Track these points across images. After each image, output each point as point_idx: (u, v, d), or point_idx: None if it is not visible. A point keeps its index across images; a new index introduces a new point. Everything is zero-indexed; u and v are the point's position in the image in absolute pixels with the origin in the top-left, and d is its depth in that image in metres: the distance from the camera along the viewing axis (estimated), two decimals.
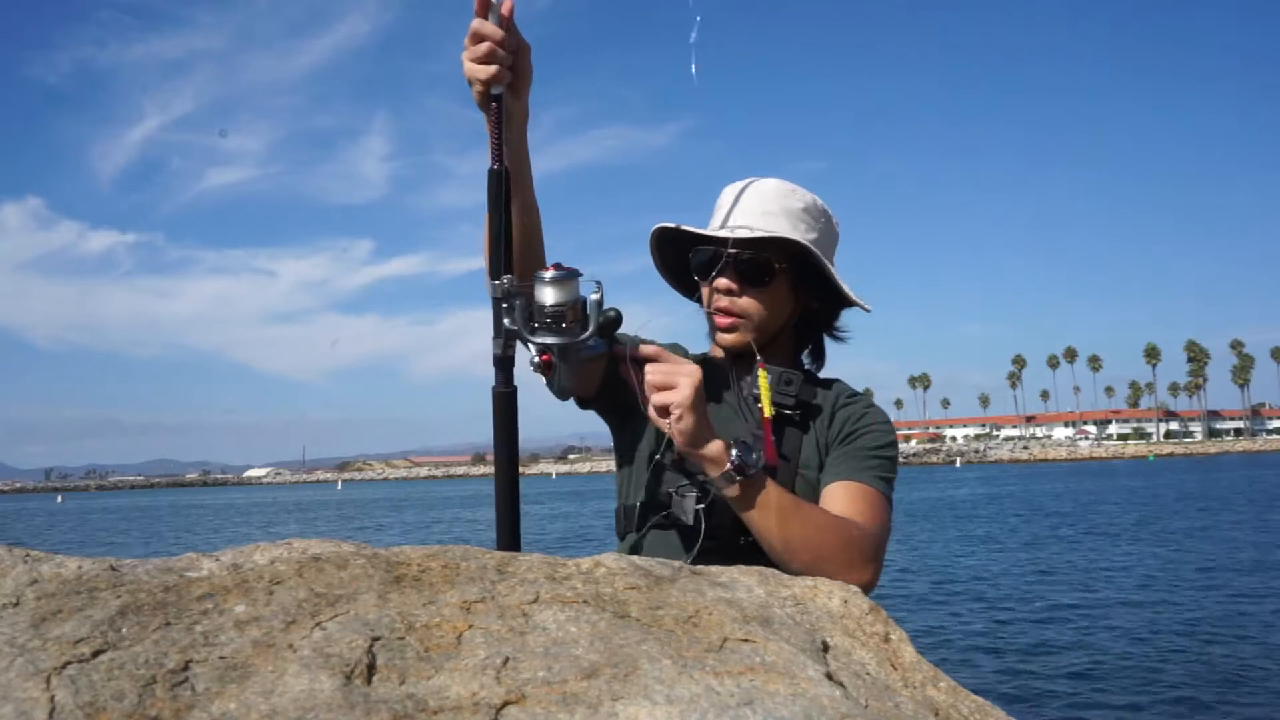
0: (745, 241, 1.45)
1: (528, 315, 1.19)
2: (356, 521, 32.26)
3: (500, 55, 1.23)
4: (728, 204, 1.53)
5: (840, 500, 1.38)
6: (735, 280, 1.48)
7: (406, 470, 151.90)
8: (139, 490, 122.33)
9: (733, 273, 1.47)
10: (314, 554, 0.74)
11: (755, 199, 1.50)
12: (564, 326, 1.18)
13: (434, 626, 0.66)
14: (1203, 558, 13.38)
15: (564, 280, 1.18)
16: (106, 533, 30.68)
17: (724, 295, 1.48)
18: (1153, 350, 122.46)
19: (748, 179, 1.55)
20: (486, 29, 1.23)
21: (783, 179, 1.54)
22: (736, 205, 1.51)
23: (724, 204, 1.53)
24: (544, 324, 1.19)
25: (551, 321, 1.18)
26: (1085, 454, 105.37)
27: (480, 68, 1.23)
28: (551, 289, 1.18)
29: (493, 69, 1.22)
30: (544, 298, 1.18)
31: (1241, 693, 6.35)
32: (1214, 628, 8.47)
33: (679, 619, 0.72)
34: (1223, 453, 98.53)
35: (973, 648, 7.95)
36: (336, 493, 76.73)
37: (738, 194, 1.52)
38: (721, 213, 1.53)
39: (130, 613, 0.63)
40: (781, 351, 1.56)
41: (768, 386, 1.43)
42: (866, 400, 1.55)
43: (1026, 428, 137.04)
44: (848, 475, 1.41)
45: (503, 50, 1.23)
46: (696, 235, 1.49)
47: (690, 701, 0.59)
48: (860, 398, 1.55)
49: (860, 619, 0.82)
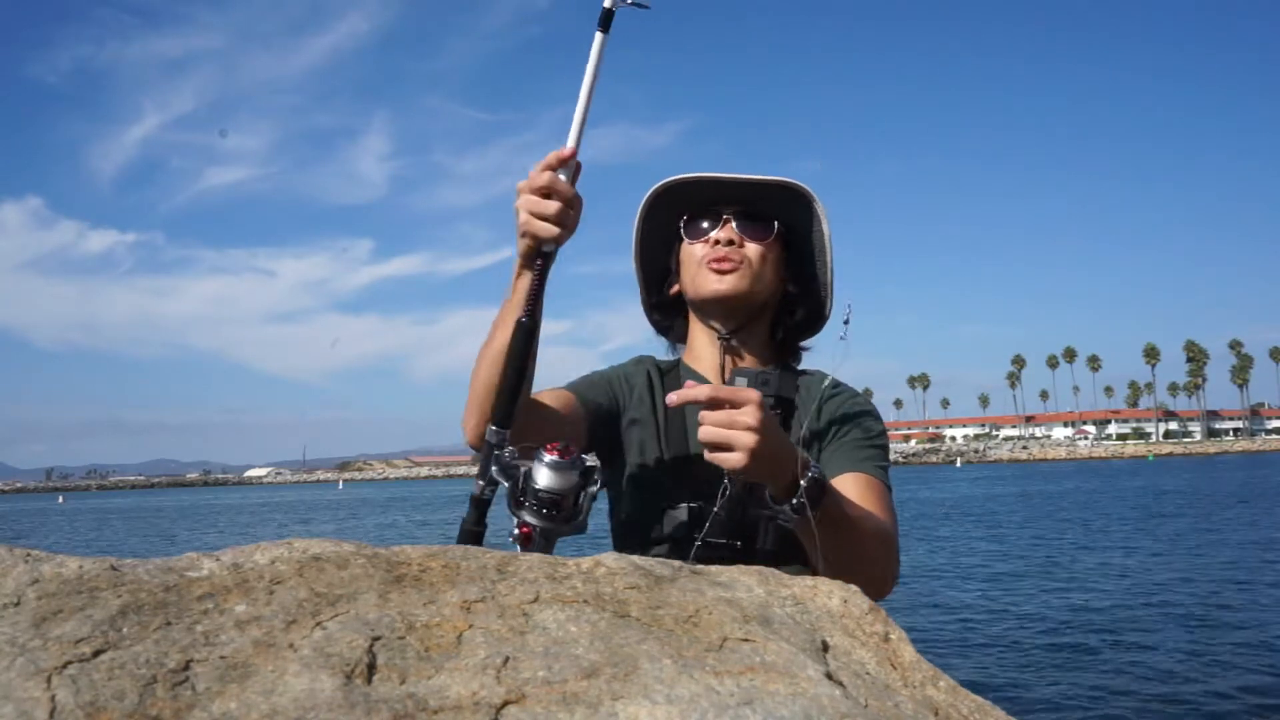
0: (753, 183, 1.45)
1: (518, 489, 1.13)
2: (357, 521, 32.24)
3: (569, 217, 1.20)
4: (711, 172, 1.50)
5: (852, 493, 1.34)
6: (735, 233, 1.47)
7: (407, 470, 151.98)
8: (140, 490, 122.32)
9: (733, 227, 1.47)
10: (314, 554, 0.75)
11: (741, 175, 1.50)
12: (554, 514, 1.12)
13: (434, 626, 0.66)
14: (1204, 557, 13.37)
15: (563, 469, 1.12)
16: (107, 532, 30.65)
17: (724, 246, 1.47)
18: (1152, 350, 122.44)
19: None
20: (560, 186, 1.19)
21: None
22: (718, 172, 1.49)
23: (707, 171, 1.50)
24: (532, 505, 1.12)
25: (540, 506, 1.11)
26: (1084, 454, 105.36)
27: (544, 226, 1.18)
28: (548, 473, 1.12)
29: (556, 231, 1.18)
30: (538, 479, 1.12)
31: (1241, 693, 6.34)
32: (1215, 626, 8.46)
33: (679, 618, 0.72)
34: (1222, 453, 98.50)
35: (973, 647, 7.95)
36: (338, 492, 76.70)
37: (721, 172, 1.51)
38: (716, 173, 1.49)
39: (131, 612, 0.63)
40: (758, 337, 1.55)
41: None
42: (851, 390, 1.54)
43: (1026, 428, 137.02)
44: (853, 467, 1.40)
45: (571, 211, 1.20)
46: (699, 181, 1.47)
47: (690, 701, 0.59)
48: (845, 388, 1.54)
49: (860, 619, 0.82)
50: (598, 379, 1.54)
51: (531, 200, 1.19)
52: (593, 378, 1.55)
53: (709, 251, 1.48)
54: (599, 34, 1.24)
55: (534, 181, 1.20)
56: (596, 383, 1.53)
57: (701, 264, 1.48)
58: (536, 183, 1.19)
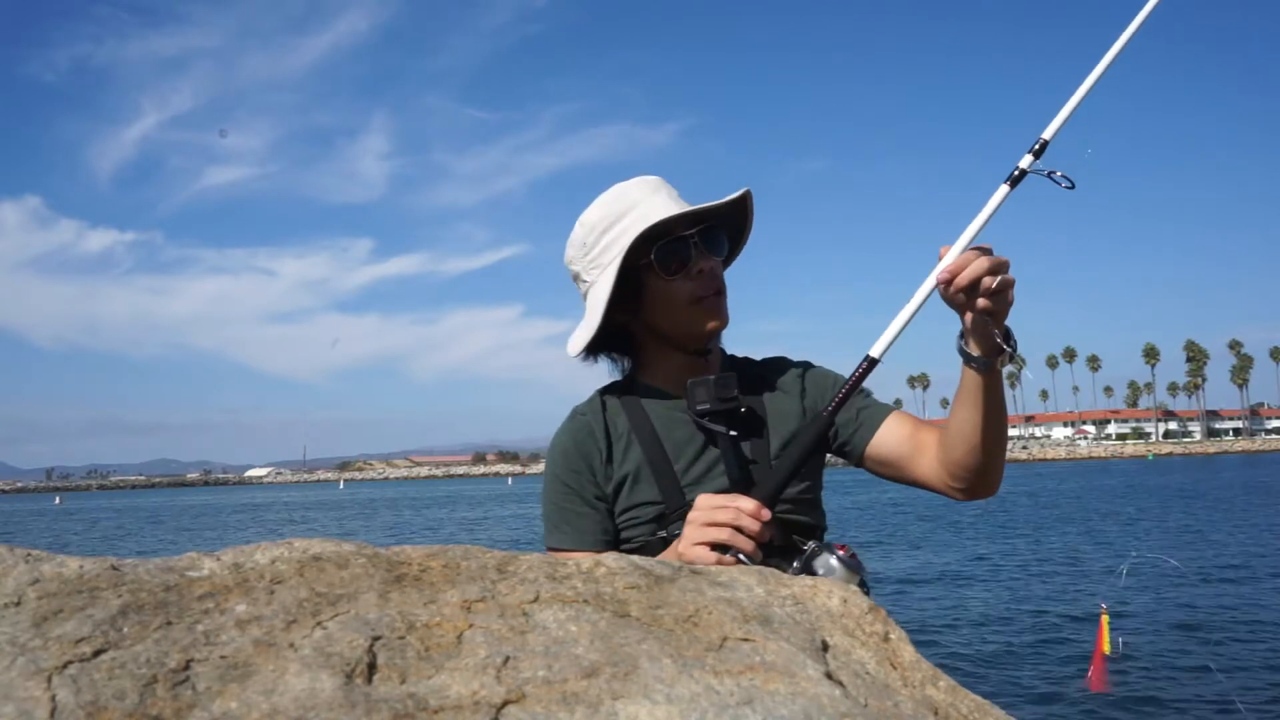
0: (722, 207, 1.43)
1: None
2: (357, 521, 32.25)
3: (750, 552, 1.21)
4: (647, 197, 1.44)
5: (911, 423, 1.46)
6: (708, 259, 1.43)
7: (407, 470, 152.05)
8: (140, 490, 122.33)
9: (705, 253, 1.43)
10: (315, 553, 0.75)
11: (664, 188, 1.47)
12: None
13: (434, 626, 0.66)
14: (1207, 557, 13.37)
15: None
16: (107, 532, 30.66)
17: (707, 278, 1.42)
18: (1151, 350, 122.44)
19: (633, 179, 1.49)
20: (746, 526, 1.20)
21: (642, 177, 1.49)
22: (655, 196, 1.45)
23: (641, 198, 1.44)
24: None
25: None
26: (1084, 453, 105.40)
27: (747, 541, 1.20)
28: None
29: (752, 547, 1.21)
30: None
31: (1242, 694, 6.34)
32: (1215, 628, 8.46)
33: (679, 618, 0.72)
34: (1221, 452, 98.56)
35: (973, 647, 7.95)
36: (339, 492, 76.75)
37: (653, 189, 1.46)
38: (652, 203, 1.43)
39: (131, 612, 0.63)
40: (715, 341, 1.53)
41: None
42: (809, 363, 1.57)
43: (1025, 427, 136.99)
44: (888, 412, 1.48)
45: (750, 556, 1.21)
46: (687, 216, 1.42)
47: (690, 700, 0.59)
48: (807, 361, 1.57)
49: (860, 618, 0.82)
50: (576, 506, 1.46)
51: (715, 516, 1.22)
52: (570, 508, 1.46)
53: (695, 287, 1.42)
54: (1005, 187, 1.29)
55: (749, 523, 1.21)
56: (579, 512, 1.45)
57: (691, 303, 1.43)
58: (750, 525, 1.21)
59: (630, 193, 1.46)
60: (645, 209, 1.42)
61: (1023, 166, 1.29)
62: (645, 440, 1.44)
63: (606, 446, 1.46)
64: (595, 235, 1.46)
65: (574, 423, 1.50)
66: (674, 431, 1.44)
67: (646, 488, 1.42)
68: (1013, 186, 1.29)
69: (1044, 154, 1.29)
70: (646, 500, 1.41)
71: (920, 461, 1.43)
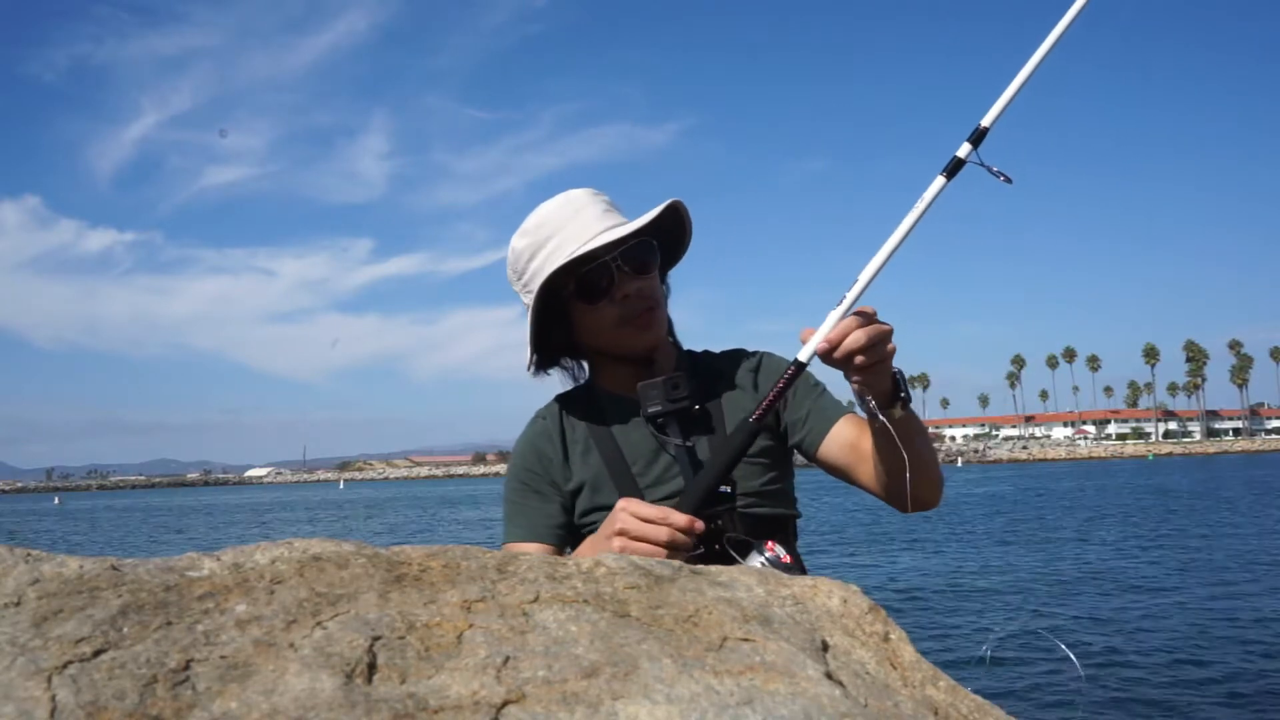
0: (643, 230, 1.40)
1: None
2: (357, 521, 32.24)
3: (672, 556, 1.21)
4: (568, 221, 1.43)
5: (856, 430, 1.44)
6: (632, 278, 1.41)
7: (407, 470, 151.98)
8: (140, 490, 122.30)
9: (627, 273, 1.40)
10: (315, 553, 0.75)
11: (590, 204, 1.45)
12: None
13: (434, 626, 0.66)
14: (1206, 557, 13.37)
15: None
16: (107, 532, 30.66)
17: (633, 299, 1.41)
18: (1151, 350, 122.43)
19: (557, 198, 1.47)
20: (680, 542, 1.19)
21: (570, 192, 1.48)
22: (578, 218, 1.43)
23: (563, 223, 1.43)
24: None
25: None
26: (1084, 453, 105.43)
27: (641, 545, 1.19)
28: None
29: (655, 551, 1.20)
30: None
31: (1242, 692, 6.34)
32: (1216, 627, 8.46)
33: (679, 618, 0.72)
34: (1221, 452, 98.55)
35: (973, 646, 7.95)
36: (338, 492, 76.74)
37: (575, 209, 1.44)
38: (571, 231, 1.42)
39: (131, 612, 0.63)
40: (664, 343, 1.52)
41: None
42: (765, 352, 1.56)
43: (1025, 427, 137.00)
44: (842, 414, 1.47)
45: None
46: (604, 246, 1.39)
47: (690, 700, 0.59)
48: (764, 352, 1.56)
49: (860, 618, 0.82)
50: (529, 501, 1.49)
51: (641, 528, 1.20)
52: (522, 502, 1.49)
53: (623, 310, 1.42)
54: (941, 178, 1.20)
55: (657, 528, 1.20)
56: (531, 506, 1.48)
57: (620, 326, 1.43)
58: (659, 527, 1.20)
59: (552, 218, 1.44)
60: (563, 238, 1.41)
61: (960, 155, 1.21)
62: (603, 444, 1.46)
63: (563, 448, 1.49)
64: (522, 263, 1.47)
65: (533, 427, 1.54)
66: (630, 434, 1.46)
67: (606, 492, 1.43)
68: (949, 177, 1.20)
69: (983, 142, 1.20)
70: (606, 504, 1.41)
71: (862, 470, 1.42)
